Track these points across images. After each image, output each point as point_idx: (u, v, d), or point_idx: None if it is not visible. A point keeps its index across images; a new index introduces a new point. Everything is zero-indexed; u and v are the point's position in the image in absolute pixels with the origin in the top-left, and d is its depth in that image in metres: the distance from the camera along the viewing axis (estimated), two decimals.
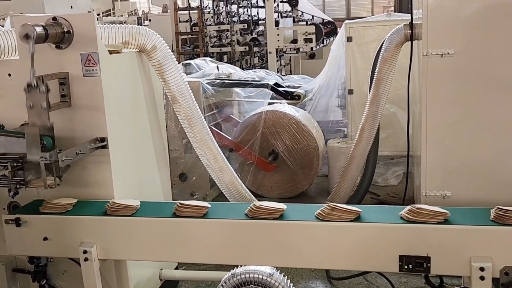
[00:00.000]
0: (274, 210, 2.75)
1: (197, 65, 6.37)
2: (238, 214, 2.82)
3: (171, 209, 2.90)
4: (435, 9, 3.40)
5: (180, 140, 5.23)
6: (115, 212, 2.88)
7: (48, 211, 2.97)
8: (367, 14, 20.56)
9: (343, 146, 5.66)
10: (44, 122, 2.74)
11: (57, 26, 2.95)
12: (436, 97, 3.49)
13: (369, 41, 6.41)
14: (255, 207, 2.76)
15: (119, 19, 15.91)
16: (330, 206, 2.68)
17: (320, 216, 2.69)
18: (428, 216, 2.61)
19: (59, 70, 3.03)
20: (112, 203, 2.89)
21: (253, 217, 2.76)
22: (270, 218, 2.74)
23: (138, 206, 2.94)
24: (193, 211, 2.83)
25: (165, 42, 3.54)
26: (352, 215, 2.66)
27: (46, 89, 2.70)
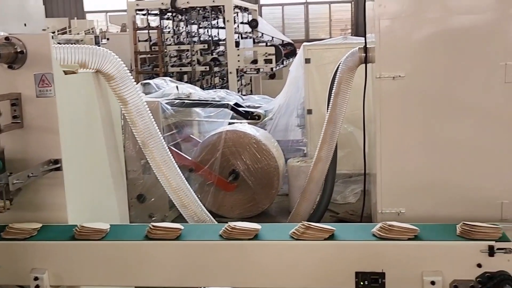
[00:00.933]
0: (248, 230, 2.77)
1: (156, 84, 6.34)
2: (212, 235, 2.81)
3: (130, 232, 2.88)
4: (386, 34, 3.52)
5: (138, 161, 5.18)
6: (83, 236, 2.83)
7: (10, 236, 2.88)
8: (325, 36, 20.95)
9: (303, 165, 5.70)
10: None
11: (9, 46, 2.91)
12: (389, 118, 3.59)
13: (326, 63, 6.51)
14: (230, 228, 2.77)
15: (75, 37, 15.74)
16: (305, 225, 2.70)
17: (295, 235, 2.70)
18: (399, 233, 2.67)
19: (11, 91, 2.97)
20: (81, 226, 2.83)
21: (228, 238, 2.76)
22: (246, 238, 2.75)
23: (107, 230, 2.89)
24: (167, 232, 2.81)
25: (122, 62, 3.51)
26: (326, 233, 2.69)
27: None
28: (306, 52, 6.62)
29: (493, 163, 3.48)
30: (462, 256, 2.56)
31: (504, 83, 3.37)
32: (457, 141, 3.51)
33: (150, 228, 2.82)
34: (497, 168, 3.48)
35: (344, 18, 23.64)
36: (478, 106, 3.47)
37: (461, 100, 3.48)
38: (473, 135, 3.49)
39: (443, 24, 3.47)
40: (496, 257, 2.52)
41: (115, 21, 18.05)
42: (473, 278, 2.55)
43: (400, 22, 3.51)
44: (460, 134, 3.50)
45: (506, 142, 3.45)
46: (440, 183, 3.56)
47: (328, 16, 23.65)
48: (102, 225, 2.90)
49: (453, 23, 3.45)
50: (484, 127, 3.48)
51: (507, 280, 2.46)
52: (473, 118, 3.49)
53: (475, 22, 3.40)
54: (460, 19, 3.43)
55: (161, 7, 9.73)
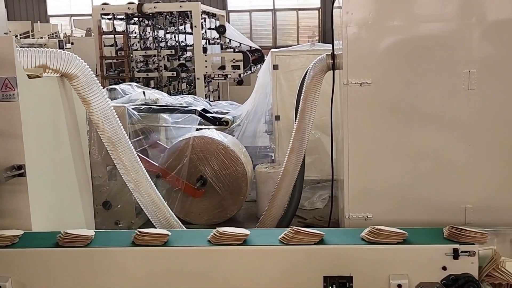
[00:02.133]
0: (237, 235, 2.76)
1: (122, 90, 6.27)
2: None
3: (93, 238, 2.82)
4: (354, 41, 3.57)
5: (104, 167, 5.11)
6: (68, 244, 2.78)
7: None
8: (293, 43, 21.10)
9: (271, 171, 5.71)
10: None
11: None
12: (356, 124, 3.63)
13: (294, 69, 6.57)
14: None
15: (38, 42, 15.46)
16: (294, 230, 2.70)
17: (285, 240, 2.70)
18: (388, 237, 2.70)
19: None
20: (65, 233, 2.78)
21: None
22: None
23: (92, 236, 2.85)
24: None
25: (88, 66, 3.47)
26: (316, 238, 2.69)
27: None
28: (274, 59, 6.65)
29: (457, 169, 3.56)
30: (428, 259, 2.61)
31: (467, 90, 3.45)
32: (423, 147, 3.57)
33: (137, 234, 2.78)
34: (461, 174, 3.55)
35: (312, 25, 23.82)
36: (443, 113, 3.54)
37: (426, 107, 3.54)
38: (438, 142, 3.56)
39: (409, 32, 3.54)
40: (461, 260, 2.58)
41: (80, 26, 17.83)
42: (438, 281, 2.60)
43: (367, 29, 3.56)
44: (426, 141, 3.57)
45: (469, 148, 3.52)
46: (406, 188, 3.61)
47: (296, 23, 23.79)
48: (86, 231, 2.86)
49: (418, 31, 3.52)
50: (448, 133, 3.55)
51: (471, 282, 2.52)
52: (437, 124, 3.56)
53: (439, 30, 3.48)
54: (424, 27, 3.50)
55: (127, 12, 9.64)
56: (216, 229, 2.76)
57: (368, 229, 2.76)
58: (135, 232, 2.78)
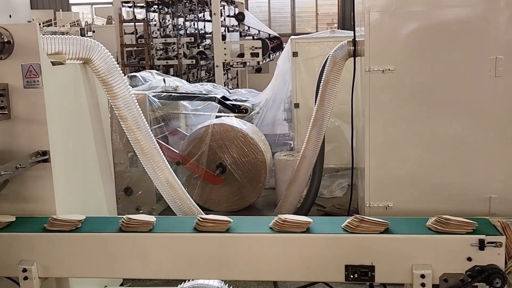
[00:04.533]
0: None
1: (143, 77, 6.29)
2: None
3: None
4: (376, 27, 3.52)
5: (125, 154, 5.14)
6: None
7: None
8: (311, 30, 20.97)
9: (290, 159, 5.71)
10: None
11: None
12: (378, 112, 3.60)
13: (314, 57, 6.54)
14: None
15: (60, 30, 15.58)
16: (358, 218, 2.66)
17: (349, 228, 2.67)
18: (457, 227, 2.61)
19: None
20: (128, 219, 2.79)
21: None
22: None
23: (154, 222, 2.84)
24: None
25: (110, 53, 3.48)
26: (381, 226, 2.65)
27: None
28: (294, 46, 6.63)
29: (481, 158, 3.51)
30: (452, 250, 2.57)
31: (493, 77, 3.39)
32: (446, 135, 3.53)
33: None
34: (485, 163, 3.51)
35: (331, 12, 23.62)
36: (467, 100, 3.49)
37: (450, 94, 3.49)
38: (462, 130, 3.52)
39: (433, 17, 3.48)
40: (487, 251, 2.53)
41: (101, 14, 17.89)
42: (463, 272, 2.56)
43: (390, 15, 3.52)
44: (449, 128, 3.52)
45: (494, 137, 3.48)
46: (429, 177, 3.58)
47: (315, 10, 23.61)
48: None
49: (443, 16, 3.47)
50: (473, 121, 3.50)
51: (497, 273, 2.47)
52: (462, 112, 3.51)
53: (465, 15, 3.42)
54: (450, 12, 3.44)
55: (148, 0, 9.65)
56: (278, 216, 2.74)
57: (434, 219, 2.69)
58: (197, 218, 2.76)
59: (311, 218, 2.77)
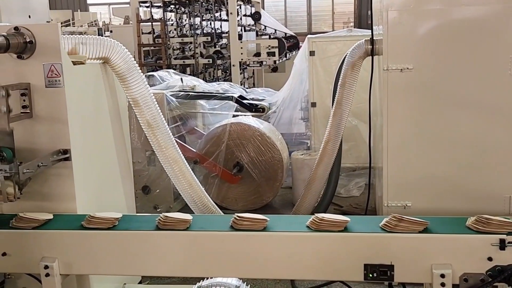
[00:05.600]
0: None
1: (160, 77, 6.34)
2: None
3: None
4: (394, 26, 3.50)
5: (143, 153, 5.19)
6: (168, 227, 2.80)
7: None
8: (328, 29, 20.89)
9: (307, 158, 5.72)
10: (3, 127, 2.68)
11: (19, 36, 2.90)
12: (396, 111, 3.58)
13: (331, 56, 6.53)
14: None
15: (78, 30, 15.72)
16: (397, 217, 2.66)
17: (387, 227, 2.66)
18: (499, 227, 2.60)
19: (20, 81, 2.97)
20: (165, 216, 2.80)
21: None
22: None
23: (191, 220, 2.85)
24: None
25: (129, 52, 3.51)
26: (420, 226, 2.65)
27: (6, 94, 2.65)
28: (311, 45, 6.62)
29: (500, 157, 3.48)
30: (473, 249, 2.55)
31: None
32: (465, 134, 3.50)
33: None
34: (504, 162, 3.47)
35: (347, 11, 23.54)
36: (486, 99, 3.45)
37: (468, 93, 3.46)
38: (481, 129, 3.48)
39: (452, 16, 3.45)
40: (507, 251, 2.51)
41: (118, 14, 18.03)
42: (484, 272, 2.54)
43: (408, 13, 3.50)
44: (468, 128, 3.49)
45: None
46: (447, 176, 3.56)
47: (331, 9, 23.53)
48: (184, 215, 2.87)
49: (462, 14, 3.44)
50: (491, 120, 3.47)
51: None
52: (480, 111, 3.48)
53: (483, 13, 3.39)
54: (468, 10, 3.41)
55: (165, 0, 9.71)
56: (315, 215, 2.74)
57: (474, 218, 2.67)
58: (234, 216, 2.77)
59: (348, 217, 2.76)
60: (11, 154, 2.77)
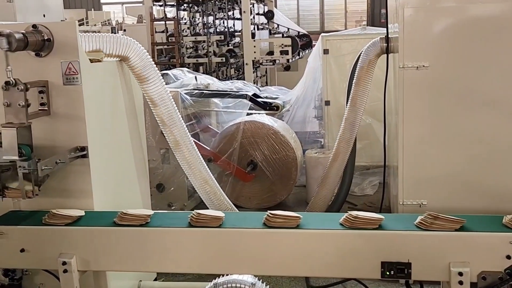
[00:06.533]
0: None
1: (174, 75, 6.35)
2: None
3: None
4: (410, 23, 3.49)
5: (157, 150, 5.20)
6: (200, 224, 2.78)
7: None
8: (340, 28, 20.84)
9: (321, 156, 5.71)
10: (21, 121, 2.68)
11: (37, 34, 2.92)
12: (412, 109, 3.57)
13: (345, 54, 6.53)
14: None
15: (92, 29, 15.80)
16: (432, 215, 2.64)
17: (423, 225, 2.65)
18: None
19: (38, 78, 2.99)
20: (197, 214, 2.79)
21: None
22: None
23: (224, 217, 2.84)
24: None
25: (145, 50, 3.53)
26: (456, 224, 2.62)
27: (24, 88, 2.66)
28: (325, 43, 6.61)
29: None
30: (491, 247, 2.54)
31: None
32: (481, 132, 3.47)
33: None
34: None
35: (360, 9, 23.46)
36: (503, 97, 3.42)
37: (485, 91, 3.44)
38: (497, 127, 3.45)
39: (468, 13, 3.43)
40: None
41: (132, 13, 18.08)
42: (502, 270, 2.53)
43: (425, 10, 3.48)
44: (484, 126, 3.47)
45: None
46: (464, 175, 3.53)
47: (344, 7, 23.48)
48: (215, 212, 2.87)
49: (478, 11, 3.41)
50: (508, 118, 3.44)
51: None
52: (497, 109, 3.45)
53: (500, 10, 3.36)
54: (485, 7, 3.39)
55: None
56: (349, 213, 2.72)
57: (511, 216, 2.66)
58: (267, 214, 2.76)
59: (382, 215, 2.75)
60: (29, 151, 2.78)
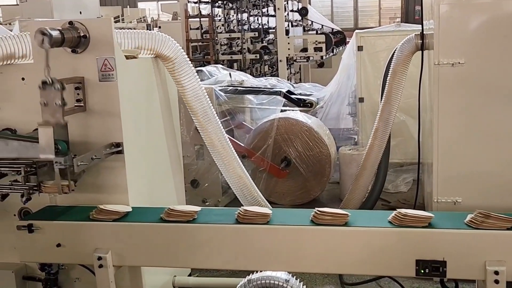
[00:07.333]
0: None
1: (209, 72, 6.39)
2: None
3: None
4: (446, 20, 3.44)
5: (192, 147, 5.24)
6: (247, 221, 2.77)
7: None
8: (374, 25, 20.67)
9: (355, 153, 5.68)
10: (58, 120, 2.70)
11: (73, 30, 2.95)
12: (447, 106, 3.52)
13: (379, 51, 6.46)
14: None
15: (128, 26, 15.99)
16: (483, 213, 2.59)
17: (473, 224, 2.59)
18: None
19: (74, 75, 3.03)
20: (244, 210, 2.78)
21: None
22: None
23: (271, 215, 2.81)
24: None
25: (181, 47, 3.55)
26: (507, 222, 2.57)
27: (61, 87, 2.68)
28: (359, 40, 6.56)
29: None
30: None
31: None
32: None
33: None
34: None
35: (394, 6, 23.21)
36: None
37: None
38: None
39: (505, 9, 3.36)
40: None
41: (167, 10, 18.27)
42: None
43: (460, 7, 3.43)
44: None
45: None
46: (499, 172, 3.47)
47: (378, 4, 23.25)
48: (265, 209, 2.86)
49: None
50: None
51: None
52: None
53: None
54: None
55: None
56: (398, 211, 2.69)
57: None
58: (314, 211, 2.75)
59: (431, 213, 2.71)
60: (65, 147, 2.82)
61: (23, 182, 2.81)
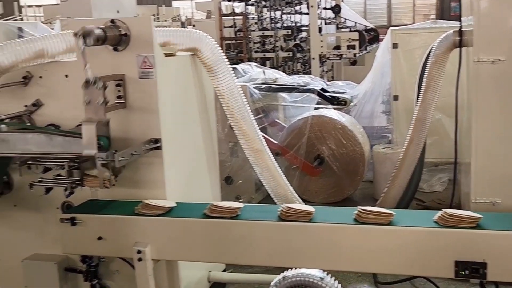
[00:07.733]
0: None
1: (243, 69, 6.43)
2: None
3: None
4: (486, 16, 3.40)
5: (226, 143, 5.27)
6: (290, 218, 2.75)
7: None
8: (408, 22, 20.44)
9: (389, 152, 5.64)
10: (100, 118, 2.76)
11: (115, 29, 3.00)
12: (486, 104, 3.47)
13: (414, 48, 6.39)
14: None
15: (163, 24, 16.15)
16: None
17: None
18: None
19: (115, 72, 3.08)
20: (287, 208, 2.76)
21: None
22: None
23: (313, 212, 2.78)
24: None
25: (218, 45, 3.57)
26: None
27: (103, 86, 2.74)
28: (394, 37, 6.50)
29: None
30: None
31: None
32: None
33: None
34: None
35: (428, 3, 22.89)
36: None
37: None
38: None
39: None
40: None
41: (201, 8, 18.38)
42: None
43: (501, 2, 3.39)
44: None
45: None
46: None
47: (412, 1, 22.97)
48: (306, 207, 2.84)
49: None
50: None
51: None
52: None
53: None
54: None
55: None
56: (444, 211, 2.64)
57: None
58: (358, 209, 2.73)
59: (480, 213, 2.64)
60: (107, 143, 2.87)
61: (67, 176, 2.88)
